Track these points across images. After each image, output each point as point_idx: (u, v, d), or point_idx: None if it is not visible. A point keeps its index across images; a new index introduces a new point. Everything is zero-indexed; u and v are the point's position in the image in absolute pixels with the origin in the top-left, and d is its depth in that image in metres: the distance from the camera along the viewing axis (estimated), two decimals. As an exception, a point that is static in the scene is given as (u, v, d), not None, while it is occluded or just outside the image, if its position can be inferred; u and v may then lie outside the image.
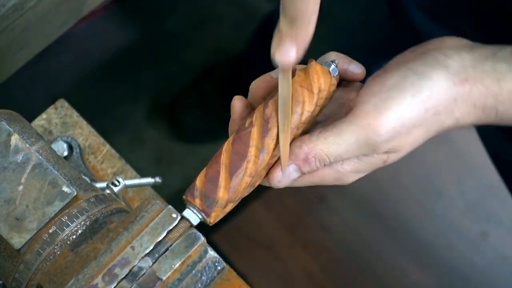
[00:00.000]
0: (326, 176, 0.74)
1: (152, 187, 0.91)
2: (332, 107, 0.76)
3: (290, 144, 0.72)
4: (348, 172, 0.74)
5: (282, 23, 0.68)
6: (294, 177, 0.72)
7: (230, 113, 0.75)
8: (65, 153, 0.90)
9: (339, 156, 0.71)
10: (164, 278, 0.67)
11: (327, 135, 0.71)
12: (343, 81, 0.76)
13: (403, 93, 0.72)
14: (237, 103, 0.75)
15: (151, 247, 0.67)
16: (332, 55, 0.76)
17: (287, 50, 0.68)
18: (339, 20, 1.23)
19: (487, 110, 0.73)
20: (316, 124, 0.76)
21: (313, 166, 0.72)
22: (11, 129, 0.72)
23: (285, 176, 0.72)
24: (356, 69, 0.76)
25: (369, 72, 1.58)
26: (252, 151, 0.70)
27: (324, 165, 0.72)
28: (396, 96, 0.71)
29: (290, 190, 1.68)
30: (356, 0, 1.22)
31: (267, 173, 0.72)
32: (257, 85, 0.75)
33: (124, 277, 0.66)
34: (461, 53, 0.73)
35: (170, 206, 0.69)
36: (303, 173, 0.72)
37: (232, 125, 0.75)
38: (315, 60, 0.75)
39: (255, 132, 0.70)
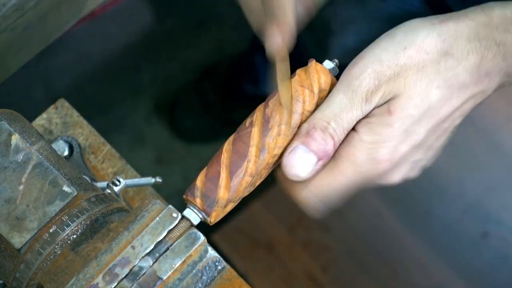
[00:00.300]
0: (358, 159, 0.71)
1: (153, 186, 0.91)
2: None
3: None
4: (370, 142, 0.71)
5: (267, 21, 0.74)
6: (309, 161, 0.70)
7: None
8: (66, 153, 0.90)
9: (336, 116, 0.70)
10: (164, 277, 0.67)
11: (321, 106, 0.72)
12: None
13: (378, 42, 0.72)
14: None
15: (152, 247, 0.67)
16: None
17: (274, 37, 0.73)
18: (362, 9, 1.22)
19: (484, 42, 0.71)
20: None
21: (318, 138, 0.70)
22: (11, 129, 0.72)
23: (297, 159, 0.70)
24: None
25: None
26: (252, 151, 0.70)
27: (331, 136, 0.70)
28: (371, 46, 0.72)
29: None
30: None
31: (279, 164, 0.72)
32: None
33: (125, 277, 0.66)
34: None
35: (170, 206, 0.69)
36: (318, 157, 0.70)
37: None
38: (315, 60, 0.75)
39: (255, 132, 0.70)
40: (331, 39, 1.26)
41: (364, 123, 0.71)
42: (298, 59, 0.74)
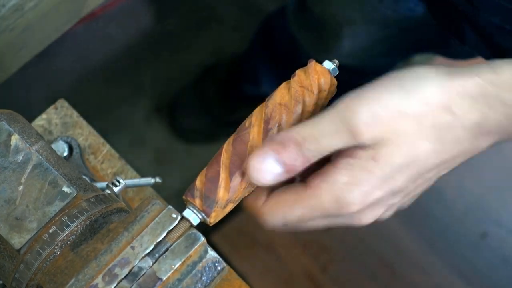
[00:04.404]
0: (324, 197, 0.68)
1: (152, 187, 0.91)
2: None
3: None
4: (343, 183, 0.68)
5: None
6: (276, 171, 0.68)
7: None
8: (65, 153, 0.90)
9: (312, 136, 0.67)
10: (164, 278, 0.67)
11: (306, 122, 0.69)
12: None
13: (383, 82, 0.68)
14: None
15: (151, 247, 0.67)
16: None
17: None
18: (368, 14, 1.22)
19: (489, 100, 0.68)
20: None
21: (291, 150, 0.67)
22: (11, 129, 0.72)
23: (265, 165, 0.68)
24: None
25: (393, 67, 1.52)
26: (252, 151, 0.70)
27: (304, 155, 0.67)
28: (375, 85, 0.68)
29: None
30: None
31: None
32: None
33: (124, 277, 0.66)
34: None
35: (170, 206, 0.69)
36: (285, 168, 0.67)
37: None
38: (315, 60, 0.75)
39: (255, 132, 0.70)
40: (328, 41, 1.24)
41: (345, 163, 0.68)
42: (294, 59, 0.72)
